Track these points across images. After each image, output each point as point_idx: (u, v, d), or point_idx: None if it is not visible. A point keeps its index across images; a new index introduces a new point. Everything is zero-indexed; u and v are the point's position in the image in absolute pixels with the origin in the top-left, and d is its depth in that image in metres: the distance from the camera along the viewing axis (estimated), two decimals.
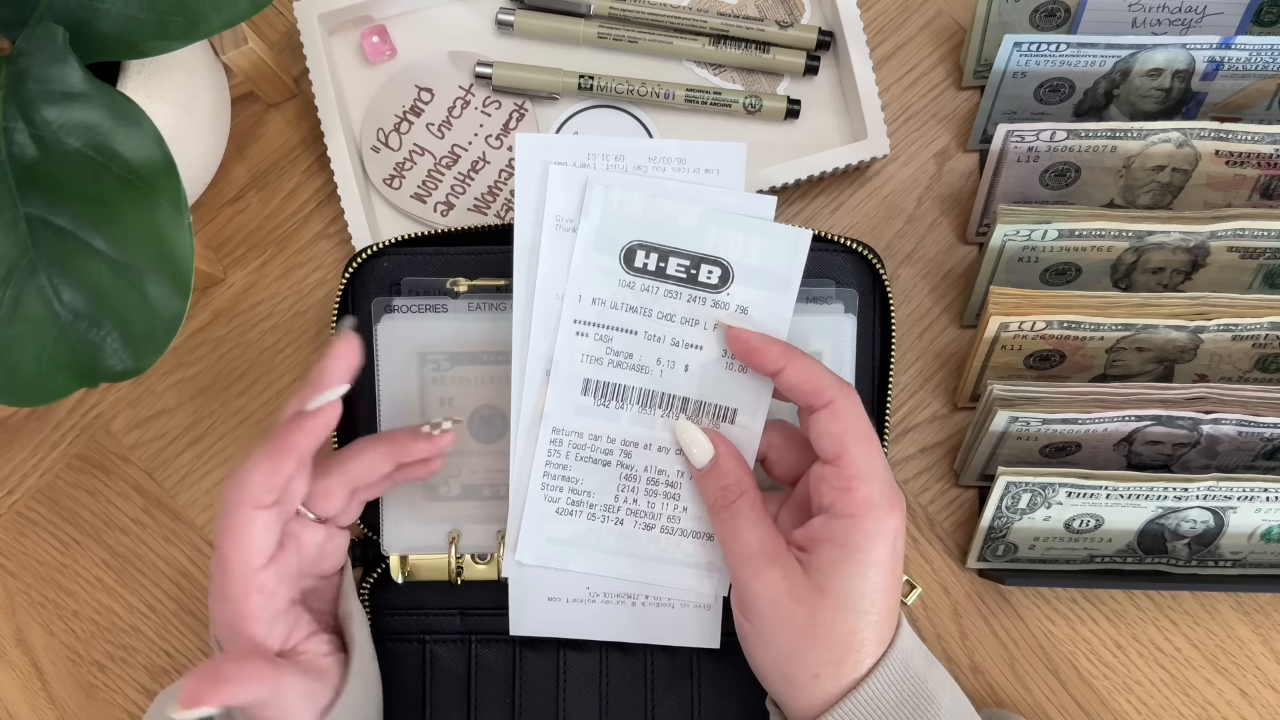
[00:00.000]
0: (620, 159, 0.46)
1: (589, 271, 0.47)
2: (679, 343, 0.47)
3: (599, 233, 0.46)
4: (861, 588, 0.45)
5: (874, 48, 0.64)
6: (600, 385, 0.48)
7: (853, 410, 0.46)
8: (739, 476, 0.48)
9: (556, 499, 0.49)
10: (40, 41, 0.47)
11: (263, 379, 0.62)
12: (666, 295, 0.47)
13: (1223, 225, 0.54)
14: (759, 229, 0.47)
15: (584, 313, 0.47)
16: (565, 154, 0.47)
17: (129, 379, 0.47)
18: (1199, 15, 0.59)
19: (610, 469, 0.49)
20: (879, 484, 0.45)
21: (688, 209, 0.46)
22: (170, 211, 0.46)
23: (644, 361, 0.48)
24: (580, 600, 0.51)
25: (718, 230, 0.46)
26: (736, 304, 0.47)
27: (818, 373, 0.46)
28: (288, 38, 0.65)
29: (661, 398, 0.48)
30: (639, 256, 0.47)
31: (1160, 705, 0.59)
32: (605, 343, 0.47)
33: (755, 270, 0.47)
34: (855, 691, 0.45)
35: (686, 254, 0.47)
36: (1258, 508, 0.54)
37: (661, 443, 0.48)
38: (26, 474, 0.62)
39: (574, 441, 0.48)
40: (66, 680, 0.61)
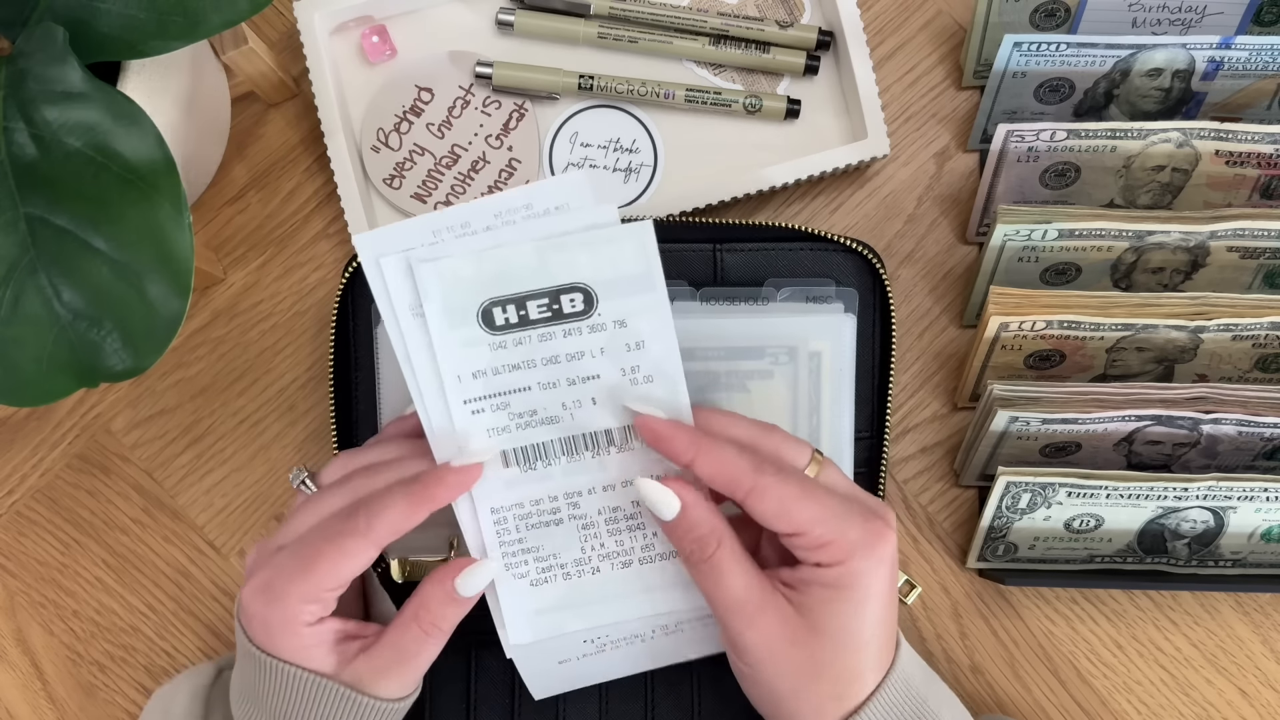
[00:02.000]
0: (466, 225, 0.44)
1: (454, 349, 0.44)
2: (575, 380, 0.45)
3: (446, 308, 0.44)
4: (860, 623, 0.44)
5: (874, 48, 0.64)
6: (519, 452, 0.46)
7: (776, 484, 0.43)
8: (712, 524, 0.44)
9: (525, 573, 0.47)
10: (40, 41, 0.47)
11: (263, 379, 0.62)
12: (541, 340, 0.45)
13: (1223, 225, 0.54)
14: (600, 239, 0.44)
15: (470, 391, 0.45)
16: (408, 240, 0.44)
17: (129, 379, 0.47)
18: (1199, 15, 0.59)
19: (565, 525, 0.47)
20: (853, 520, 0.44)
21: (520, 249, 0.44)
22: (170, 211, 0.46)
23: (551, 412, 0.45)
24: (589, 655, 0.50)
25: (560, 257, 0.44)
26: (612, 320, 0.45)
27: (729, 462, 0.43)
28: (288, 38, 0.65)
29: (584, 439, 0.46)
30: (497, 314, 0.44)
31: (1160, 705, 0.59)
32: (504, 410, 0.45)
33: (615, 281, 0.44)
34: (855, 717, 0.44)
35: (540, 292, 0.44)
36: (1258, 508, 0.54)
37: (604, 482, 0.47)
38: (26, 474, 0.62)
39: (517, 514, 0.46)
40: (66, 680, 0.61)
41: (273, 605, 0.45)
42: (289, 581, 0.44)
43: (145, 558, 0.62)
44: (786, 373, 0.54)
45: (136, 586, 0.61)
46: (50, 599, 0.61)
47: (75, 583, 0.62)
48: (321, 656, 0.46)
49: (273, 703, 0.46)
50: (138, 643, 0.61)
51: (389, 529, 0.44)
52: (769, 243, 0.55)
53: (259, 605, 0.45)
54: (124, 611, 0.61)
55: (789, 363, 0.54)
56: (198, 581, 0.61)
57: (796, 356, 0.53)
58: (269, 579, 0.45)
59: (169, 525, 0.62)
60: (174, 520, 0.62)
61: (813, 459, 0.46)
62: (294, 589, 0.44)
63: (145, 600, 0.61)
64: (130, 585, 0.61)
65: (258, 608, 0.45)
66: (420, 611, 0.46)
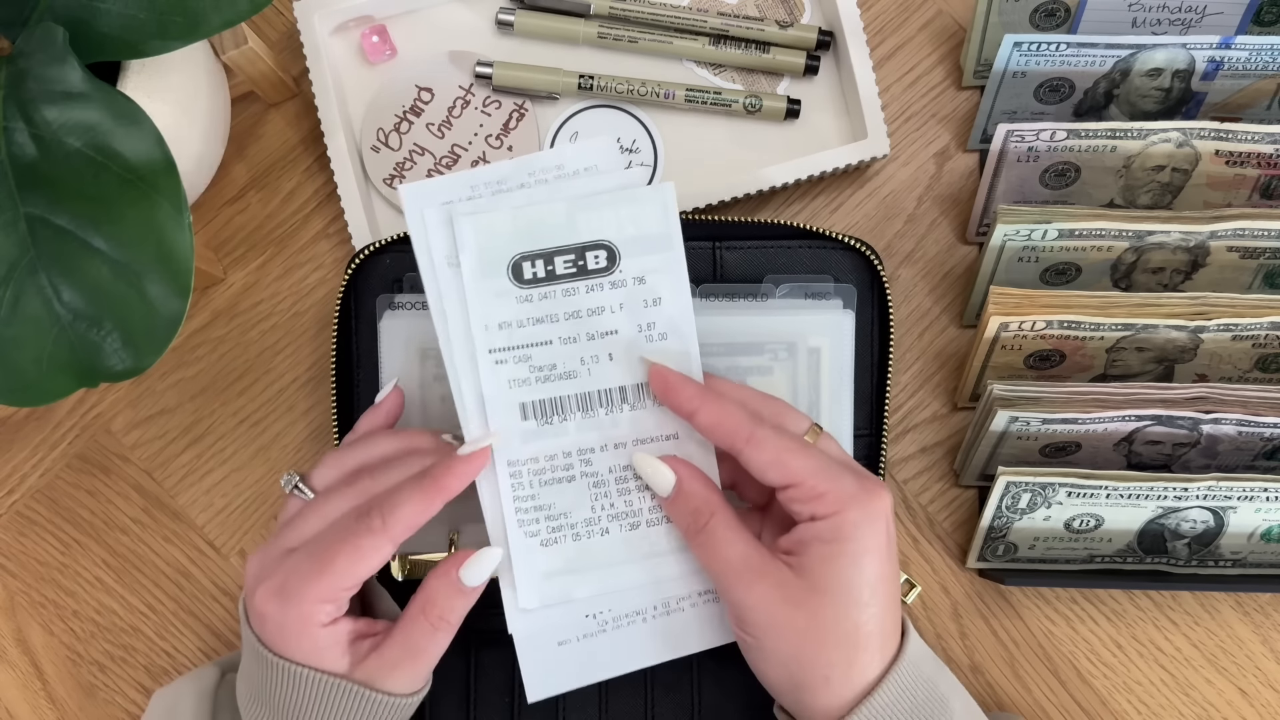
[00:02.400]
0: (501, 182, 0.47)
1: (485, 299, 0.47)
2: (594, 335, 0.47)
3: (480, 260, 0.46)
4: (859, 578, 0.44)
5: (874, 48, 0.64)
6: (536, 405, 0.47)
7: (773, 436, 0.45)
8: (706, 496, 0.46)
9: (537, 532, 0.48)
10: (40, 41, 0.47)
11: (263, 379, 0.62)
12: (565, 294, 0.47)
13: (1223, 225, 0.54)
14: (625, 199, 0.47)
15: (495, 340, 0.47)
16: (448, 193, 0.47)
17: (129, 379, 0.47)
18: (1199, 15, 0.59)
19: (576, 483, 0.48)
20: (847, 476, 0.45)
21: (553, 207, 0.46)
22: (170, 211, 0.46)
23: (569, 367, 0.47)
24: (590, 634, 0.50)
25: (588, 216, 0.47)
26: (632, 277, 0.47)
27: (732, 412, 0.45)
28: (288, 38, 0.65)
29: (599, 395, 0.48)
30: (526, 268, 0.46)
31: (1160, 705, 0.59)
32: (526, 362, 0.47)
33: (636, 239, 0.47)
34: (868, 699, 0.44)
35: (568, 249, 0.47)
36: (1258, 508, 0.54)
37: (616, 440, 0.48)
38: (26, 474, 0.62)
39: (532, 469, 0.48)
40: (66, 680, 0.61)
41: (288, 607, 0.45)
42: (304, 583, 0.45)
43: (145, 558, 0.62)
44: (786, 368, 0.54)
45: (136, 586, 0.61)
46: (50, 599, 0.62)
47: (75, 583, 0.62)
48: (336, 657, 0.46)
49: (286, 704, 0.46)
50: (138, 643, 0.61)
51: (405, 525, 0.45)
52: (768, 240, 0.55)
53: (273, 608, 0.45)
54: (124, 611, 0.61)
55: (788, 358, 0.54)
56: (198, 581, 0.61)
57: (796, 352, 0.54)
58: (283, 582, 0.45)
59: (169, 525, 0.62)
60: (174, 520, 0.62)
61: (811, 428, 0.47)
62: (310, 590, 0.45)
63: (145, 600, 0.61)
64: (130, 585, 0.61)
65: (272, 610, 0.45)
66: (428, 605, 0.46)
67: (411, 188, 0.46)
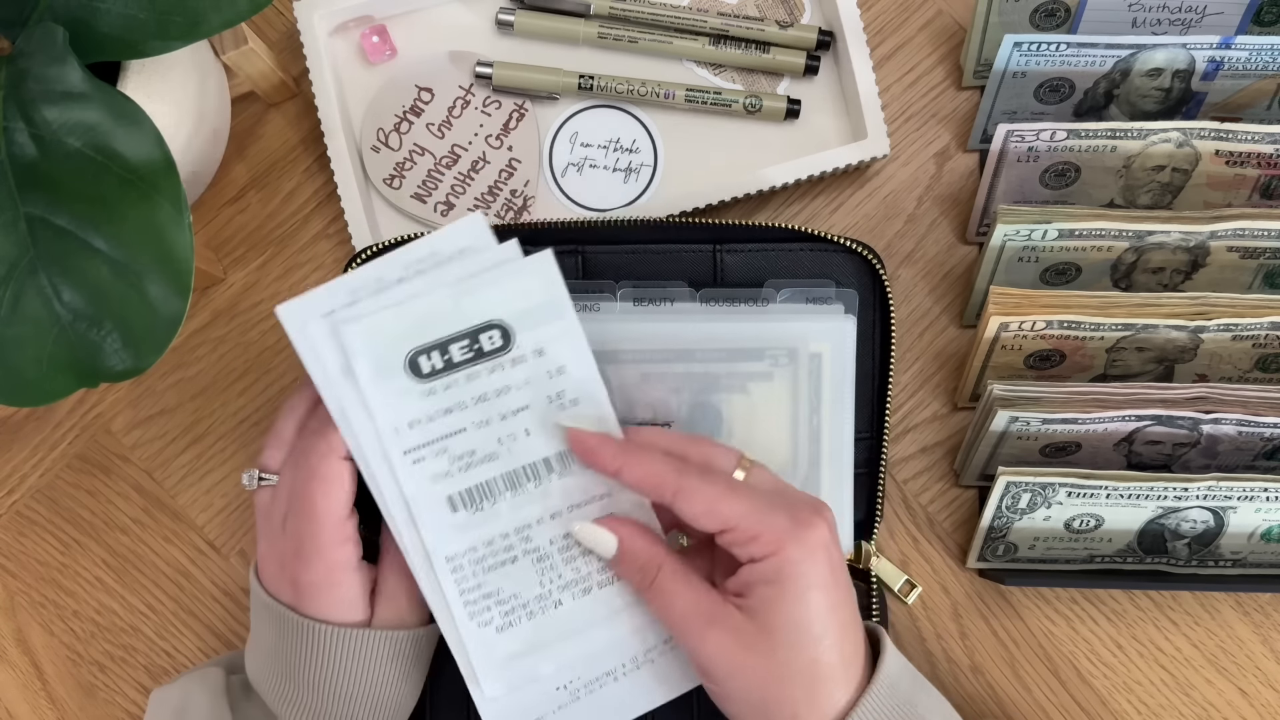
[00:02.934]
0: (380, 280, 0.46)
1: (389, 401, 0.46)
2: (506, 414, 0.47)
3: (375, 363, 0.46)
4: (807, 615, 0.44)
5: (874, 48, 0.64)
6: (463, 495, 0.47)
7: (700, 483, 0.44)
8: (650, 552, 0.46)
9: (490, 620, 0.48)
10: (40, 41, 0.47)
11: (263, 379, 0.62)
12: (468, 380, 0.46)
13: (1223, 225, 0.54)
14: (505, 274, 0.46)
15: (408, 441, 0.46)
16: (328, 304, 0.46)
17: (129, 379, 0.47)
18: (1199, 15, 0.59)
19: (520, 562, 0.48)
20: (780, 513, 0.44)
21: (437, 297, 0.46)
22: (170, 211, 0.46)
23: (488, 449, 0.47)
24: (564, 705, 0.49)
25: (473, 299, 0.46)
26: (531, 351, 0.46)
27: (655, 467, 0.45)
28: (288, 38, 0.65)
29: (525, 471, 0.47)
30: (423, 362, 0.46)
31: (1160, 705, 0.59)
32: (444, 455, 0.47)
33: (526, 312, 0.46)
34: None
35: (461, 335, 0.46)
36: (1258, 508, 0.54)
37: (551, 510, 0.47)
38: (26, 474, 0.62)
39: (472, 558, 0.47)
40: (66, 680, 0.61)
41: (312, 563, 0.47)
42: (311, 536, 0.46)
43: (145, 558, 0.62)
44: (786, 374, 0.54)
45: (136, 586, 0.61)
46: (50, 599, 0.62)
47: (75, 583, 0.62)
48: (361, 609, 0.48)
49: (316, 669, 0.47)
50: (138, 643, 0.61)
51: None
52: (769, 243, 0.55)
53: (299, 569, 0.47)
54: (124, 611, 0.61)
55: (789, 364, 0.54)
56: (198, 581, 0.61)
57: (797, 358, 0.53)
58: (295, 545, 0.47)
59: (169, 525, 0.62)
60: (174, 520, 0.62)
61: (740, 463, 0.47)
62: (319, 538, 0.46)
63: (145, 600, 0.61)
64: (130, 585, 0.61)
65: (299, 571, 0.47)
66: None
67: (288, 307, 0.45)
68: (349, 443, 0.46)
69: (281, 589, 0.48)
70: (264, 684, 0.49)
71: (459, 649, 0.48)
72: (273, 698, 0.48)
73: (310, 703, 0.47)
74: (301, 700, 0.47)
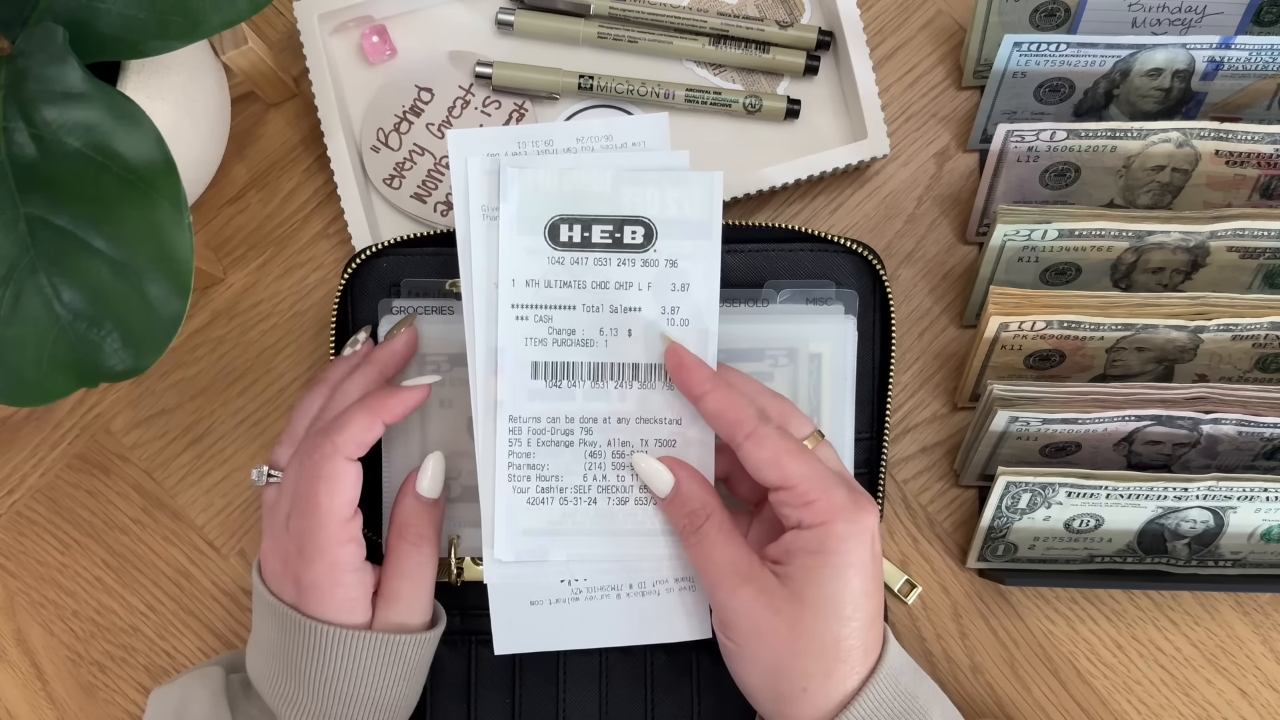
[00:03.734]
0: (549, 143, 0.47)
1: (517, 254, 0.47)
2: (618, 309, 0.47)
3: (519, 215, 0.47)
4: (842, 592, 0.44)
5: (874, 48, 0.64)
6: (549, 366, 0.48)
7: (776, 434, 0.45)
8: (703, 499, 0.47)
9: (525, 489, 0.49)
10: (40, 41, 0.47)
11: (263, 379, 0.62)
12: (596, 264, 0.47)
13: (1223, 225, 0.54)
14: (672, 180, 0.47)
15: (519, 296, 0.47)
16: (495, 145, 0.47)
17: (129, 379, 0.47)
18: (1199, 15, 0.59)
19: (574, 449, 0.48)
20: (840, 488, 0.45)
21: (600, 175, 0.47)
22: (170, 211, 0.46)
23: (588, 335, 0.48)
24: (563, 600, 0.50)
25: (632, 190, 0.47)
26: (665, 259, 0.47)
27: (739, 404, 0.46)
28: (288, 38, 0.65)
29: (612, 368, 0.48)
30: (563, 231, 0.47)
31: (1160, 705, 0.59)
32: (546, 323, 0.47)
33: (676, 221, 0.47)
34: (846, 711, 0.44)
35: (607, 219, 0.47)
36: (1258, 508, 0.54)
37: (620, 414, 0.48)
38: (26, 474, 0.62)
39: (533, 427, 0.48)
40: (66, 680, 0.61)
41: (315, 563, 0.47)
42: (314, 535, 0.46)
43: (145, 558, 0.62)
44: (787, 374, 0.54)
45: (136, 586, 0.61)
46: (50, 599, 0.62)
47: (75, 583, 0.62)
48: (362, 610, 0.48)
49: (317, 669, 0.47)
50: (138, 643, 0.61)
51: (354, 441, 0.47)
52: (769, 243, 0.55)
53: (301, 568, 0.47)
54: (124, 611, 0.61)
55: (789, 364, 0.54)
56: (198, 581, 0.61)
57: (797, 358, 0.54)
58: (298, 544, 0.47)
59: (169, 525, 0.62)
60: (174, 520, 0.62)
61: (814, 434, 0.47)
62: (321, 536, 0.46)
63: (145, 600, 0.61)
64: (130, 585, 0.61)
65: (301, 570, 0.47)
66: (403, 529, 0.49)
67: (459, 134, 0.47)
68: (465, 279, 0.47)
69: (284, 588, 0.48)
70: (264, 683, 0.49)
71: (487, 504, 0.49)
72: (273, 697, 0.48)
73: (310, 703, 0.47)
74: (301, 700, 0.47)
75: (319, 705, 0.47)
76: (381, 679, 0.48)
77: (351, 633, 0.47)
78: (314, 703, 0.47)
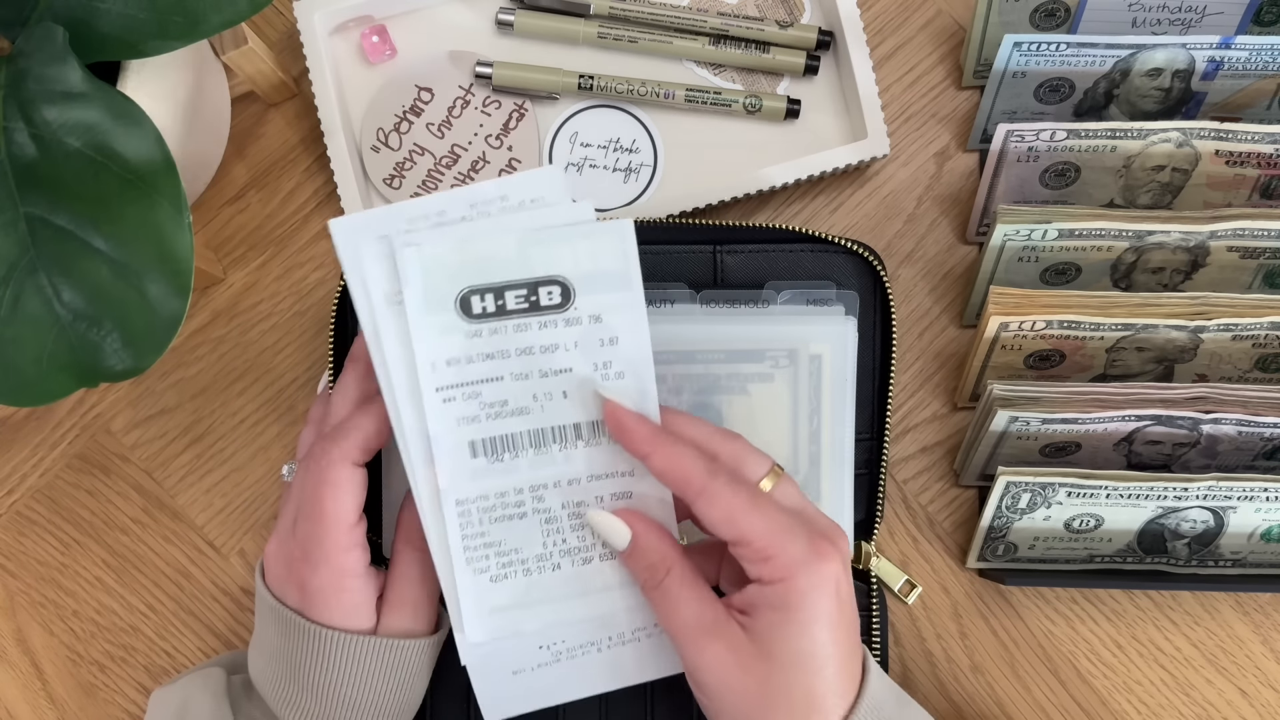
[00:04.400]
0: (442, 214, 0.44)
1: (430, 336, 0.45)
2: (547, 372, 0.45)
3: (426, 295, 0.44)
4: (809, 647, 0.43)
5: (874, 48, 0.64)
6: (486, 443, 0.46)
7: (726, 490, 0.43)
8: (662, 551, 0.45)
9: (486, 568, 0.47)
10: (40, 41, 0.47)
11: (263, 379, 0.62)
12: (517, 330, 0.45)
13: (1223, 225, 0.54)
14: (580, 234, 0.44)
15: (442, 378, 0.45)
16: (385, 226, 0.44)
17: (129, 379, 0.47)
18: (1199, 15, 0.59)
19: (528, 519, 0.47)
20: (797, 538, 0.43)
21: (502, 240, 0.44)
22: (170, 211, 0.46)
23: (521, 403, 0.46)
24: (545, 664, 0.49)
25: (541, 250, 0.44)
26: (587, 315, 0.45)
27: (685, 461, 0.44)
28: (288, 38, 0.65)
29: (553, 432, 0.46)
30: (474, 302, 0.44)
31: (1160, 705, 0.59)
32: (475, 399, 0.45)
33: (592, 276, 0.45)
34: None
35: (520, 283, 0.44)
36: (1258, 508, 0.54)
37: (569, 476, 0.47)
38: (26, 474, 0.62)
39: (481, 506, 0.47)
40: (66, 680, 0.61)
41: (319, 568, 0.46)
42: (319, 540, 0.46)
43: (145, 558, 0.62)
44: (787, 376, 0.54)
45: (136, 586, 0.61)
46: (50, 599, 0.62)
47: (75, 583, 0.62)
48: (366, 616, 0.48)
49: (320, 672, 0.47)
50: (138, 643, 0.61)
51: (359, 446, 0.46)
52: (769, 244, 0.55)
53: (306, 573, 0.47)
54: (124, 611, 0.61)
55: (789, 366, 0.54)
56: (198, 581, 0.61)
57: (797, 359, 0.54)
58: (303, 549, 0.47)
59: (169, 525, 0.62)
60: (174, 520, 0.62)
61: (771, 472, 0.46)
62: (326, 542, 0.46)
63: (145, 600, 0.61)
64: (130, 585, 0.61)
65: (306, 575, 0.47)
66: (409, 534, 0.49)
67: (342, 221, 0.44)
68: (378, 371, 0.45)
69: (288, 592, 0.48)
70: (267, 685, 0.49)
71: (450, 590, 0.47)
72: (275, 700, 0.48)
73: (313, 707, 0.47)
74: (304, 704, 0.47)
75: (322, 709, 0.47)
76: (385, 684, 0.48)
77: (356, 638, 0.47)
78: (317, 706, 0.47)
